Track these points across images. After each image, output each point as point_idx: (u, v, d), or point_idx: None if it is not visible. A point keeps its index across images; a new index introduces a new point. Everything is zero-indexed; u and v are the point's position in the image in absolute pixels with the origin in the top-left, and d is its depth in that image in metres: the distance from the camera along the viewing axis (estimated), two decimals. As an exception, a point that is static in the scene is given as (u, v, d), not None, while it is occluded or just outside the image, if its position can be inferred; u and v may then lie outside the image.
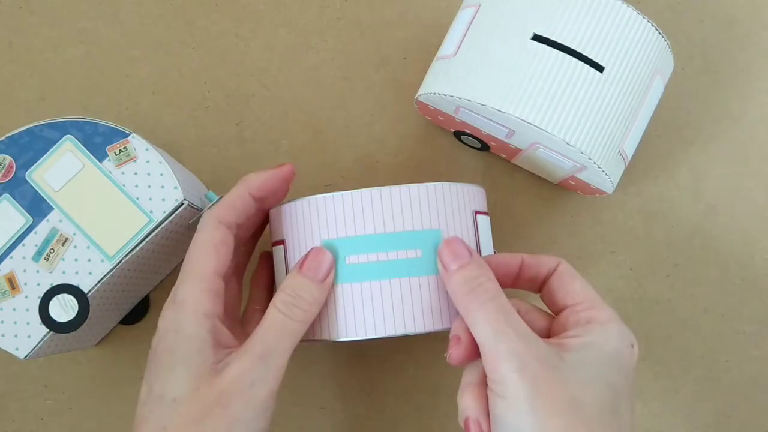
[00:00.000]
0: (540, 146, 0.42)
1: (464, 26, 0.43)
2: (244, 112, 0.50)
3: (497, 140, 0.45)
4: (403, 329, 0.36)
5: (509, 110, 0.40)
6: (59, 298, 0.40)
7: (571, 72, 0.40)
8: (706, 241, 0.49)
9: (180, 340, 0.35)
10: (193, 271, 0.36)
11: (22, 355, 0.39)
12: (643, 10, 0.42)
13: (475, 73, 0.41)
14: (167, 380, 0.34)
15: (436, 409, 0.48)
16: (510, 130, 0.42)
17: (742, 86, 0.51)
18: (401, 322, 0.36)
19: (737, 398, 0.48)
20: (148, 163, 0.41)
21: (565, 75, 0.40)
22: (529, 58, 0.40)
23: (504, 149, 0.46)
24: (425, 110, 0.47)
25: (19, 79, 0.51)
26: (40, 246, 0.40)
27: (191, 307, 0.35)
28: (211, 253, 0.36)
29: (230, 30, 0.51)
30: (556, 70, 0.40)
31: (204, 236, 0.37)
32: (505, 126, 0.41)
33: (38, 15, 0.52)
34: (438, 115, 0.46)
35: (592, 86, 0.40)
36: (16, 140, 0.41)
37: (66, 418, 0.48)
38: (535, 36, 0.40)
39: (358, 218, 0.37)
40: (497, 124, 0.42)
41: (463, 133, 0.47)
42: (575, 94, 0.40)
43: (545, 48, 0.40)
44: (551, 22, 0.40)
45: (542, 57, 0.40)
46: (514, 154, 0.46)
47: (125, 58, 0.51)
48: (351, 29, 0.52)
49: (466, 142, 0.49)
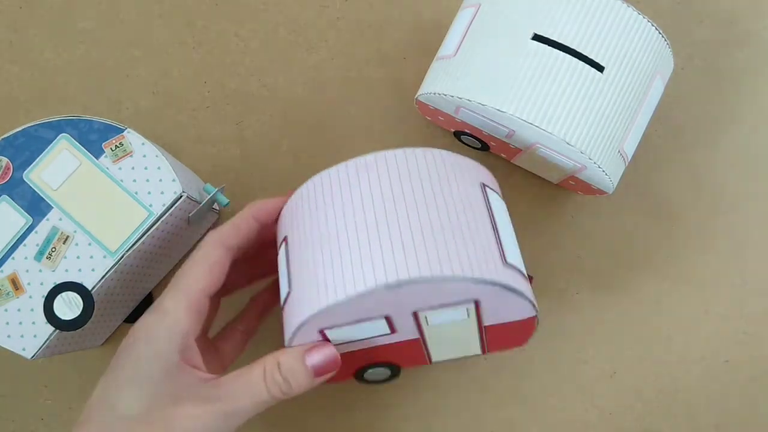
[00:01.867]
0: (540, 146, 0.42)
1: (464, 26, 0.43)
2: (244, 112, 0.50)
3: (497, 140, 0.45)
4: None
5: (509, 110, 0.40)
6: (63, 296, 0.39)
7: (571, 72, 0.40)
8: (707, 241, 0.49)
9: (148, 353, 0.34)
10: (184, 286, 0.36)
11: (29, 355, 0.39)
12: (643, 10, 0.42)
13: (476, 73, 0.41)
14: (121, 392, 0.34)
15: (436, 409, 0.48)
16: (510, 130, 0.42)
17: (742, 86, 0.51)
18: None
19: (737, 398, 0.48)
20: (145, 158, 0.41)
21: (565, 75, 0.40)
22: (529, 58, 0.40)
23: (504, 149, 0.46)
24: (425, 110, 0.47)
25: (19, 79, 0.51)
26: (41, 245, 0.40)
27: (170, 321, 0.35)
28: (206, 272, 0.36)
29: (230, 30, 0.51)
30: (556, 69, 0.40)
31: (202, 254, 0.37)
32: (506, 126, 0.41)
33: (38, 15, 0.52)
34: (438, 115, 0.46)
35: (593, 86, 0.40)
36: (11, 141, 0.41)
37: (66, 418, 0.48)
38: (535, 36, 0.40)
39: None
40: (497, 124, 0.42)
41: (463, 133, 0.47)
42: (575, 93, 0.40)
43: (545, 48, 0.40)
44: (551, 22, 0.40)
45: (542, 57, 0.40)
46: (514, 154, 0.46)
47: (125, 58, 0.51)
48: (351, 29, 0.52)
49: (466, 142, 0.49)
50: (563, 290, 0.49)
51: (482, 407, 0.48)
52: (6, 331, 0.39)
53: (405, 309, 0.34)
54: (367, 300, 0.33)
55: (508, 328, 0.37)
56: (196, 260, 0.37)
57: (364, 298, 0.32)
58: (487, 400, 0.48)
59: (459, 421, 0.48)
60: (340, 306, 0.32)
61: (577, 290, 0.49)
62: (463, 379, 0.48)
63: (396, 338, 0.37)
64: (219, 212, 0.49)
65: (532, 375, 0.48)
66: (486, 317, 0.36)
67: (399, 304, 0.33)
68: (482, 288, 0.33)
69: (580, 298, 0.49)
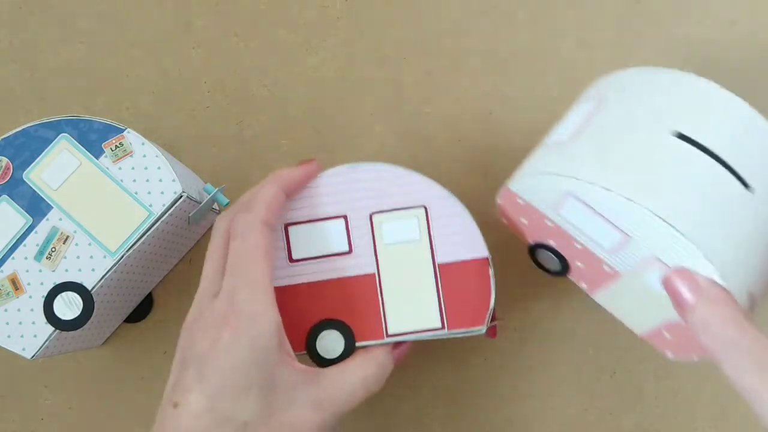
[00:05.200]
0: (654, 265, 0.33)
1: (583, 117, 0.36)
2: (244, 112, 0.50)
3: (590, 257, 0.36)
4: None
5: (645, 202, 0.31)
6: (63, 296, 0.39)
7: (720, 182, 0.32)
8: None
9: (256, 359, 0.32)
10: (254, 280, 0.34)
11: (29, 356, 0.39)
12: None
13: (602, 157, 0.33)
14: (238, 402, 0.32)
15: (435, 409, 0.48)
16: (625, 235, 0.33)
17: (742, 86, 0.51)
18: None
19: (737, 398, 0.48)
20: (145, 158, 0.41)
21: (712, 183, 0.32)
22: (671, 153, 0.32)
23: (591, 273, 0.38)
24: (510, 204, 0.38)
25: (19, 79, 0.51)
26: (41, 245, 0.40)
27: (264, 322, 0.33)
28: (267, 260, 0.35)
29: (230, 30, 0.52)
30: (702, 173, 0.32)
31: (256, 240, 0.35)
32: (622, 229, 0.33)
33: (38, 15, 0.52)
34: (523, 215, 0.38)
35: (744, 206, 0.32)
36: (11, 141, 0.41)
37: (66, 418, 0.48)
38: (679, 135, 0.32)
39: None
40: (612, 225, 0.33)
41: (543, 246, 0.39)
42: (724, 208, 0.32)
43: (691, 148, 0.32)
44: (696, 124, 0.33)
45: (688, 156, 0.32)
46: (602, 282, 0.38)
47: (125, 58, 0.51)
48: (351, 29, 0.52)
49: (540, 262, 0.41)
50: (563, 290, 0.49)
51: (482, 407, 0.48)
52: (6, 331, 0.39)
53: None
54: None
55: (463, 282, 0.39)
56: (253, 249, 0.35)
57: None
58: (487, 400, 0.48)
59: (459, 421, 0.48)
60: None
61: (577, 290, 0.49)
62: (463, 379, 0.48)
63: (353, 268, 0.39)
64: (219, 212, 0.49)
65: (532, 375, 0.48)
66: (438, 245, 0.39)
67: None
68: (431, 191, 0.39)
69: (580, 298, 0.49)
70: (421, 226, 0.39)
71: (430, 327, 0.39)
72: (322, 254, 0.39)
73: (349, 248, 0.39)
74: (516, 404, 0.48)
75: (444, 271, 0.39)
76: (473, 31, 0.51)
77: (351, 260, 0.39)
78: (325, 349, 0.38)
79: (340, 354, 0.38)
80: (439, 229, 0.39)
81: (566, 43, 0.51)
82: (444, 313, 0.39)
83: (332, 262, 0.39)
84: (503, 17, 0.51)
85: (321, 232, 0.39)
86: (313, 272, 0.39)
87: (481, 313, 0.39)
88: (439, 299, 0.39)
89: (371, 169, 0.39)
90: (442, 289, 0.39)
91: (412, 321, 0.39)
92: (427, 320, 0.39)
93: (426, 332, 0.39)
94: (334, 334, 0.38)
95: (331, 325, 0.39)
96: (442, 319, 0.39)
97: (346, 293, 0.39)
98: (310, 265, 0.39)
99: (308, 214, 0.39)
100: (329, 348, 0.38)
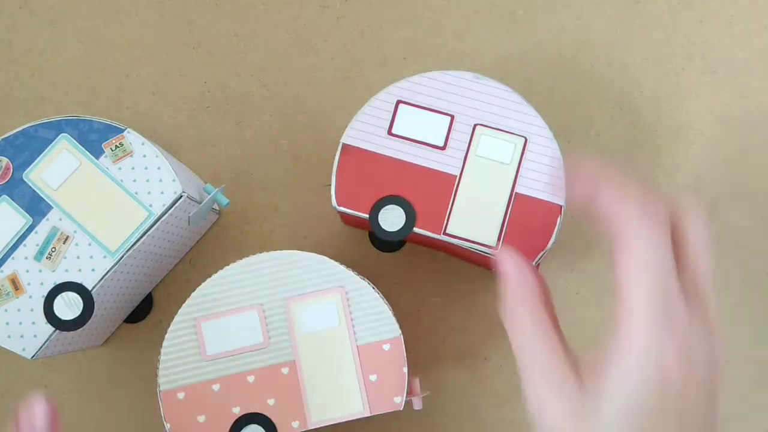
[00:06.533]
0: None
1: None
2: (244, 112, 0.50)
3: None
4: None
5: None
6: (63, 296, 0.39)
7: None
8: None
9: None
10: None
11: (29, 356, 0.39)
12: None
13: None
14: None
15: (435, 409, 0.48)
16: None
17: (742, 86, 0.51)
18: None
19: (737, 398, 0.48)
20: (145, 158, 0.41)
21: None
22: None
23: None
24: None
25: (19, 79, 0.51)
26: (41, 245, 0.40)
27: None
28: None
29: (230, 30, 0.51)
30: None
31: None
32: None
33: (38, 15, 0.52)
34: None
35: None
36: (11, 141, 0.41)
37: (66, 418, 0.48)
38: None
39: None
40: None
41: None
42: None
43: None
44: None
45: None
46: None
47: (125, 58, 0.51)
48: (351, 29, 0.52)
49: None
50: (563, 289, 0.49)
51: (482, 407, 0.48)
52: (6, 331, 0.39)
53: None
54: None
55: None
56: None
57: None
58: (487, 400, 0.48)
59: (459, 422, 0.47)
60: None
61: (577, 290, 0.49)
62: (463, 379, 0.48)
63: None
64: (219, 212, 0.49)
65: (532, 375, 0.48)
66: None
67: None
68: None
69: (580, 298, 0.49)
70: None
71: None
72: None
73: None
74: (516, 404, 0.48)
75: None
76: (473, 32, 0.51)
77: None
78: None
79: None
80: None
81: (566, 43, 0.51)
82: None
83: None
84: (503, 17, 0.51)
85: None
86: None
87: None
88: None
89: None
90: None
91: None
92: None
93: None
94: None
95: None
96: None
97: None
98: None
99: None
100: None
